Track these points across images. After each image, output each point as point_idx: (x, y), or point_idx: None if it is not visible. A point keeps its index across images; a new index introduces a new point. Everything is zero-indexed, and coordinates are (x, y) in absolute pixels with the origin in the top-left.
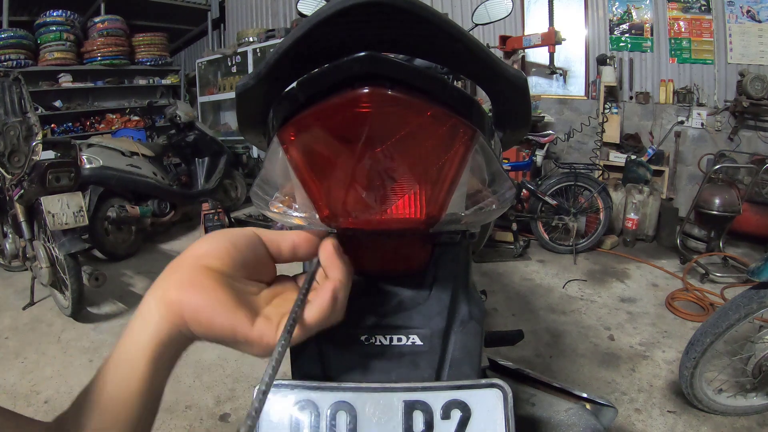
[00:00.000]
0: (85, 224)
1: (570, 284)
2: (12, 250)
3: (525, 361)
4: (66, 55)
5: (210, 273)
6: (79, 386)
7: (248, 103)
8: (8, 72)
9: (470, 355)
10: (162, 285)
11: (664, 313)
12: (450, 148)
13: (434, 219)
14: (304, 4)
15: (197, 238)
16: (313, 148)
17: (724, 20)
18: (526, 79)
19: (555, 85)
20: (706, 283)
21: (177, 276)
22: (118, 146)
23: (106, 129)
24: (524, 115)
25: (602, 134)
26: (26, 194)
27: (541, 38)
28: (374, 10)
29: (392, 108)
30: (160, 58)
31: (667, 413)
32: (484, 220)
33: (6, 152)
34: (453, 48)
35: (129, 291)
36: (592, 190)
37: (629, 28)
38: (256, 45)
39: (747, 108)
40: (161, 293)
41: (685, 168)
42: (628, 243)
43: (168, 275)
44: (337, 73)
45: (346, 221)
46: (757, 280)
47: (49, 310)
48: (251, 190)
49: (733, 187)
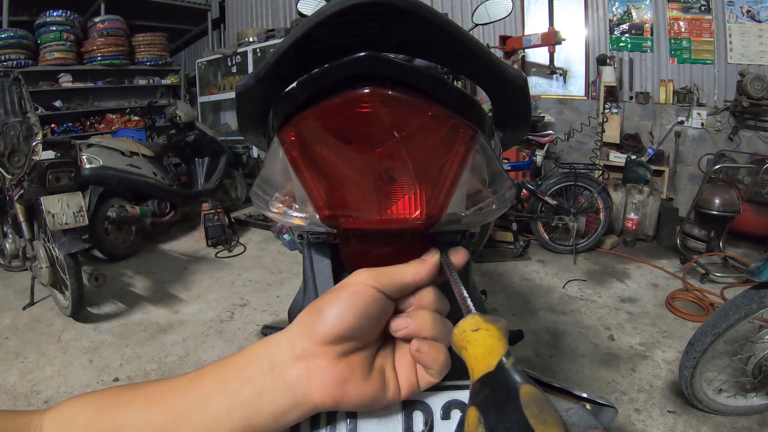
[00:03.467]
0: (85, 224)
1: (570, 284)
2: (12, 250)
3: (525, 361)
4: (66, 55)
5: (345, 363)
6: (80, 386)
7: (248, 103)
8: (8, 72)
9: None
10: (304, 387)
11: (664, 313)
12: (450, 148)
13: (434, 219)
14: (304, 4)
15: (197, 238)
16: (313, 148)
17: (724, 20)
18: (526, 79)
19: (555, 85)
20: (706, 283)
21: (321, 375)
22: (118, 146)
23: (106, 129)
24: (524, 115)
25: (602, 134)
26: (26, 194)
27: (541, 38)
28: (374, 10)
29: (392, 108)
30: (160, 58)
31: (667, 413)
32: (484, 220)
33: (6, 152)
34: (453, 48)
35: (129, 291)
36: (592, 190)
37: (629, 28)
38: (256, 45)
39: (747, 108)
40: (302, 392)
41: (685, 168)
42: (628, 243)
43: (310, 376)
44: (337, 73)
45: (347, 221)
46: (757, 280)
47: (49, 310)
48: (251, 190)
49: (733, 187)
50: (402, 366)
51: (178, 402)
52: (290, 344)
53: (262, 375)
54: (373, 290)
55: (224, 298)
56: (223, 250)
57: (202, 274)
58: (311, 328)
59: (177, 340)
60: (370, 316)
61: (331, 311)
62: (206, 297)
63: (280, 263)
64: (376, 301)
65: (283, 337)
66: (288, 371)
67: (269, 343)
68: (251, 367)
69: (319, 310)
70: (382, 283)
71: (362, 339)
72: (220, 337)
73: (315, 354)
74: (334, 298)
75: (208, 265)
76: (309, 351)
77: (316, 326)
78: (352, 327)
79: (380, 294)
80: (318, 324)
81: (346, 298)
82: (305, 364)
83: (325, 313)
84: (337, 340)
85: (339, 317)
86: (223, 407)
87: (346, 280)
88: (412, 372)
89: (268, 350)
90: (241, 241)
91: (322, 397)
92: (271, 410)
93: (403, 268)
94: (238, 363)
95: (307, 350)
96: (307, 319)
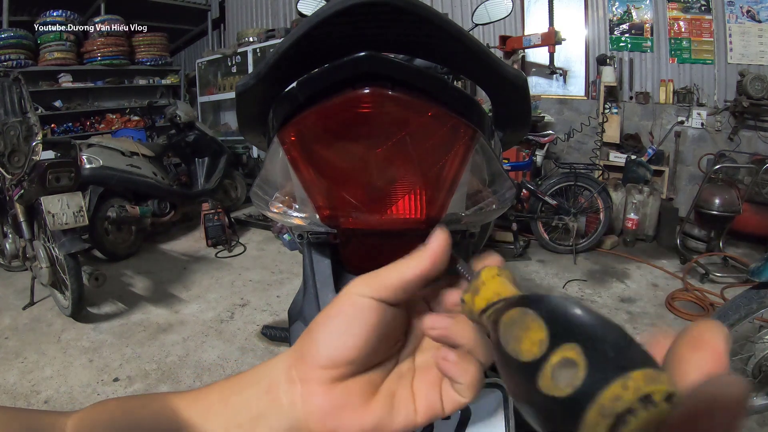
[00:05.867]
0: (85, 224)
1: (570, 284)
2: (12, 250)
3: None
4: (66, 55)
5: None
6: (79, 386)
7: (248, 103)
8: (8, 72)
9: None
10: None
11: (664, 313)
12: (450, 148)
13: (434, 219)
14: (304, 4)
15: (197, 238)
16: (313, 148)
17: (724, 20)
18: (526, 79)
19: (555, 85)
20: (706, 283)
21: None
22: (118, 146)
23: (106, 129)
24: (524, 115)
25: (602, 134)
26: (26, 194)
27: (541, 38)
28: (374, 10)
29: (393, 108)
30: (160, 58)
31: None
32: (484, 220)
33: (6, 152)
34: (453, 48)
35: (129, 291)
36: (592, 190)
37: (629, 28)
38: (256, 45)
39: (747, 108)
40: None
41: (685, 168)
42: (628, 243)
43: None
44: (337, 73)
45: (347, 221)
46: (757, 280)
47: (49, 310)
48: (251, 190)
49: (733, 187)
50: (422, 386)
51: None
52: (286, 368)
53: (260, 397)
54: (369, 301)
55: (224, 298)
56: (223, 250)
57: (202, 274)
58: (305, 352)
59: (177, 340)
60: (373, 333)
61: (323, 335)
62: (206, 297)
63: (280, 263)
64: (376, 313)
65: (282, 359)
66: (283, 395)
67: (270, 364)
68: (251, 388)
69: (311, 334)
70: (379, 289)
71: (365, 360)
72: (220, 337)
73: (308, 380)
74: (326, 318)
75: (208, 265)
76: (303, 376)
77: (310, 350)
78: (352, 349)
79: (380, 304)
80: (311, 348)
81: (339, 316)
82: (299, 389)
83: (318, 338)
84: (333, 365)
85: (336, 341)
86: (222, 426)
87: (341, 293)
88: (434, 393)
89: (268, 372)
90: (241, 241)
91: (316, 425)
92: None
93: (401, 264)
94: (242, 382)
95: (301, 375)
96: (302, 341)
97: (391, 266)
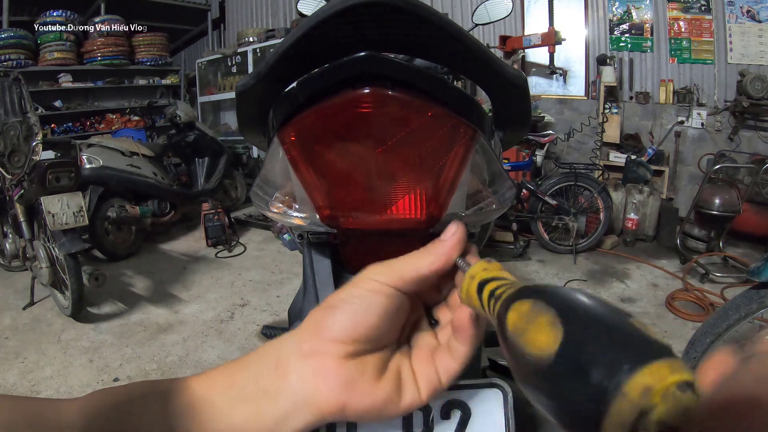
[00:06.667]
0: (85, 224)
1: (570, 284)
2: (12, 250)
3: None
4: (66, 55)
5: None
6: (80, 386)
7: (248, 103)
8: (8, 72)
9: None
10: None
11: (664, 313)
12: (450, 148)
13: (435, 219)
14: (304, 4)
15: (197, 238)
16: (313, 148)
17: (724, 20)
18: (526, 79)
19: (555, 85)
20: (706, 283)
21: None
22: (118, 146)
23: (106, 129)
24: (524, 115)
25: (602, 134)
26: (26, 194)
27: (541, 38)
28: (374, 10)
29: (393, 108)
30: (160, 58)
31: None
32: (484, 220)
33: (6, 152)
34: (453, 48)
35: (129, 291)
36: (592, 190)
37: (629, 28)
38: (256, 45)
39: (747, 108)
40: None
41: (685, 168)
42: (628, 243)
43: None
44: (337, 73)
45: (347, 221)
46: (757, 280)
47: (49, 310)
48: (251, 190)
49: (733, 187)
50: (419, 365)
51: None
52: (297, 342)
53: (267, 372)
54: (389, 288)
55: (224, 298)
56: (223, 250)
57: (202, 274)
58: (321, 326)
59: (177, 340)
60: (388, 316)
61: (345, 310)
62: (206, 297)
63: (280, 263)
64: (392, 299)
65: (291, 336)
66: (292, 370)
67: (278, 342)
68: (258, 364)
69: (332, 308)
70: (396, 280)
71: (377, 341)
72: (220, 337)
73: (322, 353)
74: (349, 296)
75: (208, 265)
76: (316, 349)
77: (327, 324)
78: (369, 328)
79: (397, 291)
80: (330, 322)
81: (363, 296)
82: (311, 363)
83: (339, 311)
84: (351, 340)
85: (355, 317)
86: (227, 403)
87: (359, 276)
88: (430, 368)
89: (276, 348)
90: (241, 241)
91: (327, 400)
92: (272, 411)
93: (417, 259)
94: (248, 359)
95: (314, 348)
96: (317, 316)
97: (408, 258)
